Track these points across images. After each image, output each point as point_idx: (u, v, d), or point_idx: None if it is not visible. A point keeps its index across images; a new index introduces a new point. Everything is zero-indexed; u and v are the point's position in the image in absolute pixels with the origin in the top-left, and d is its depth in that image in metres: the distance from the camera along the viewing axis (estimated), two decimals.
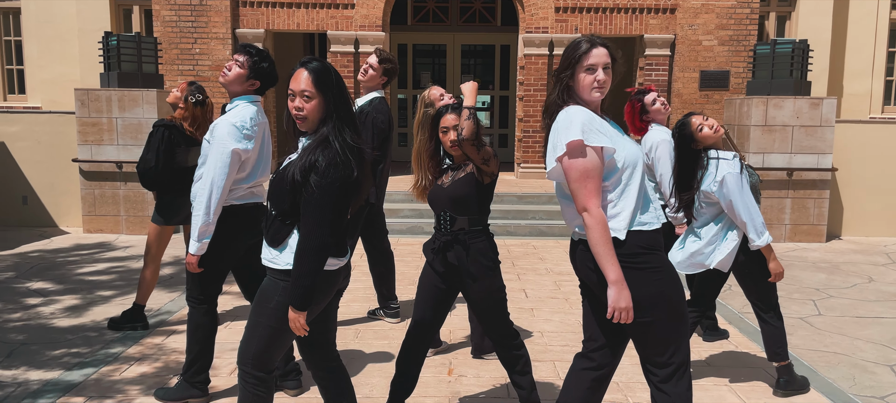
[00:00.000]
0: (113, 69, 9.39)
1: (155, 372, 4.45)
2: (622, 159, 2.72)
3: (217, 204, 3.63)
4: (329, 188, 2.69)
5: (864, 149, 9.85)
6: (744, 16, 11.45)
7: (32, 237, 9.15)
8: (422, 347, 3.66)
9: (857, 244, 9.43)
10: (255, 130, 3.72)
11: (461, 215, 3.46)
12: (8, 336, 5.19)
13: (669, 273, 2.74)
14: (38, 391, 4.16)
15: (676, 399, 2.78)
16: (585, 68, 2.75)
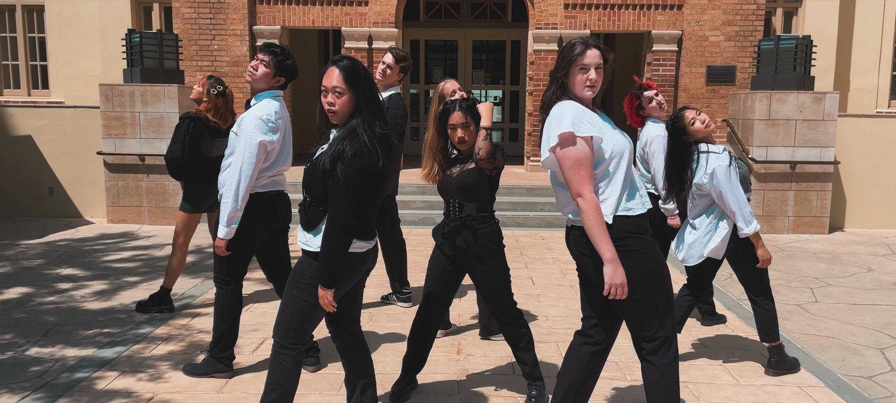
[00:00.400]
0: (136, 65, 9.70)
1: (182, 350, 4.75)
2: (610, 149, 2.97)
3: (245, 191, 3.91)
4: (354, 176, 2.96)
5: (867, 143, 10.03)
6: (750, 12, 11.63)
7: (59, 227, 9.50)
8: (431, 325, 3.94)
9: (859, 235, 9.63)
10: (279, 123, 4.00)
11: (469, 202, 3.73)
12: (43, 317, 5.51)
13: (654, 254, 3.00)
14: (74, 366, 4.47)
15: (663, 370, 3.05)
16: (579, 68, 2.99)
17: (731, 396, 4.11)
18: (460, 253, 3.77)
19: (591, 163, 2.93)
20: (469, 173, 3.73)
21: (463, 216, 3.75)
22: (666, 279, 3.02)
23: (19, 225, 9.55)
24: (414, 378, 4.04)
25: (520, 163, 13.39)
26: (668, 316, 3.04)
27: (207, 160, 5.29)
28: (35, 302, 5.91)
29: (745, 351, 4.88)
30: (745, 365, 4.61)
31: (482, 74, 15.68)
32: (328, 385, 4.19)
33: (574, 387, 3.25)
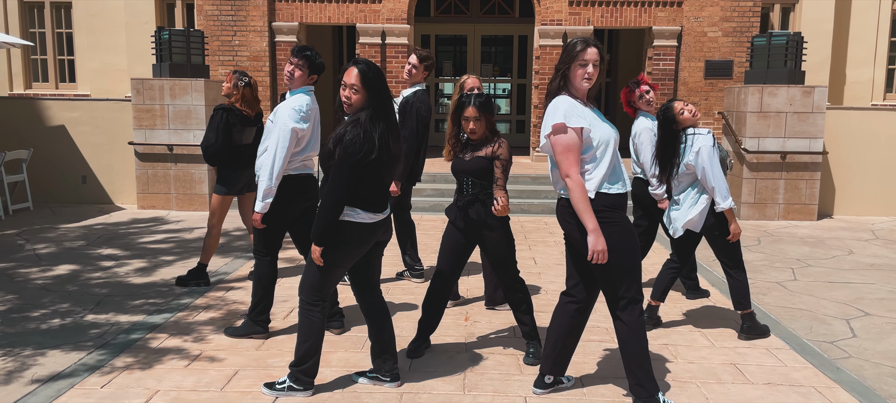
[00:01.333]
0: (164, 60, 10.31)
1: (221, 317, 5.37)
2: (597, 138, 3.55)
3: (279, 171, 4.50)
4: (347, 158, 3.58)
5: (855, 135, 10.53)
6: (747, 9, 12.15)
7: (93, 212, 10.14)
8: (443, 293, 4.53)
9: (846, 222, 10.16)
10: (310, 114, 4.60)
11: (480, 180, 4.32)
12: (93, 290, 6.14)
13: (627, 226, 3.58)
14: (129, 329, 5.09)
15: (631, 325, 3.63)
16: (580, 63, 3.55)
17: (705, 356, 4.69)
18: (472, 225, 4.36)
19: (578, 149, 3.50)
20: (480, 160, 4.32)
21: (474, 192, 4.34)
22: (635, 249, 3.59)
23: (56, 211, 10.20)
24: (427, 339, 4.63)
25: (526, 154, 13.96)
26: (636, 280, 3.62)
27: (238, 147, 5.90)
28: (84, 278, 6.55)
29: (722, 320, 5.45)
30: (720, 332, 5.18)
31: (490, 68, 16.23)
32: (352, 344, 4.79)
33: (561, 338, 3.85)
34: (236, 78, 5.92)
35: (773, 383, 4.22)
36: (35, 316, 5.38)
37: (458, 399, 3.94)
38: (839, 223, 10.07)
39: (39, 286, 6.26)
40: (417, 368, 4.37)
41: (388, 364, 4.03)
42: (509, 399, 3.95)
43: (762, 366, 4.49)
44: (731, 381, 4.24)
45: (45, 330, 5.08)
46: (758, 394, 4.05)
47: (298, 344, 3.88)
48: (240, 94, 5.91)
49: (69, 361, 4.46)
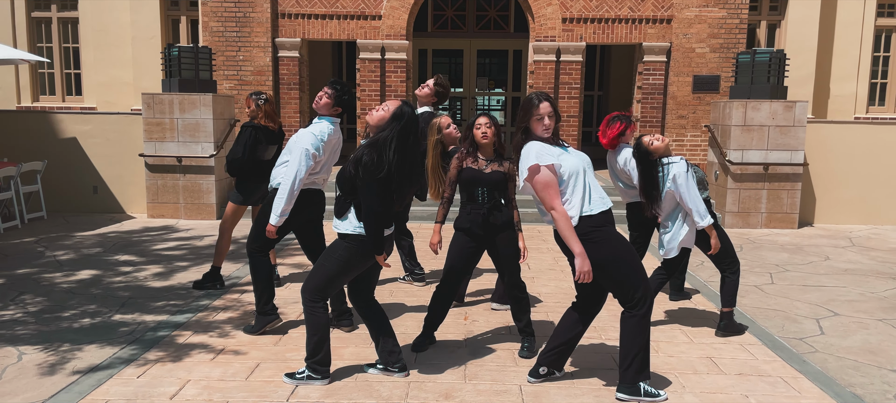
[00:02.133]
0: (174, 76, 10.76)
1: (239, 317, 5.80)
2: (567, 171, 4.00)
3: (296, 191, 4.96)
4: (367, 178, 4.06)
5: (834, 147, 11.04)
6: (733, 26, 12.65)
7: (105, 221, 10.56)
8: (451, 293, 4.98)
9: (825, 230, 10.64)
10: (325, 139, 5.05)
11: (494, 190, 4.80)
12: (117, 293, 6.57)
13: (617, 239, 4.01)
14: (155, 327, 5.52)
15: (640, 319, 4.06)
16: (537, 117, 4.07)
17: (684, 351, 5.14)
18: (491, 229, 4.84)
19: (555, 183, 3.96)
20: (498, 173, 4.81)
21: (490, 201, 4.83)
22: (631, 255, 4.03)
23: (69, 220, 10.62)
24: (432, 335, 5.08)
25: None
26: (641, 281, 4.04)
27: (260, 162, 6.35)
28: (106, 282, 6.97)
29: (703, 320, 5.91)
30: (699, 330, 5.64)
31: (485, 81, 16.71)
32: (362, 340, 5.24)
33: (564, 342, 4.32)
34: (255, 99, 6.39)
35: (744, 374, 4.68)
36: (66, 316, 5.81)
37: (459, 386, 4.38)
38: (818, 231, 10.56)
39: (65, 289, 6.68)
40: (422, 361, 4.81)
41: (394, 356, 4.48)
42: (506, 387, 4.39)
43: (735, 359, 4.95)
44: (706, 372, 4.70)
45: (78, 328, 5.51)
46: (730, 383, 4.51)
47: (308, 339, 4.34)
48: (262, 113, 6.37)
49: (105, 355, 4.89)
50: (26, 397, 4.21)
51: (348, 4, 12.84)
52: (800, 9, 13.39)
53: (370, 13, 12.85)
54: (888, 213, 11.15)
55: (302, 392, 4.26)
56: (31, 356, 4.89)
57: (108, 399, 4.13)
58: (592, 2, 12.68)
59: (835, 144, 11.05)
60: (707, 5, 12.45)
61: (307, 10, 12.89)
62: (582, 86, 13.11)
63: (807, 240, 9.75)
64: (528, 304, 5.02)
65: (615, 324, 5.69)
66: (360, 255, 4.23)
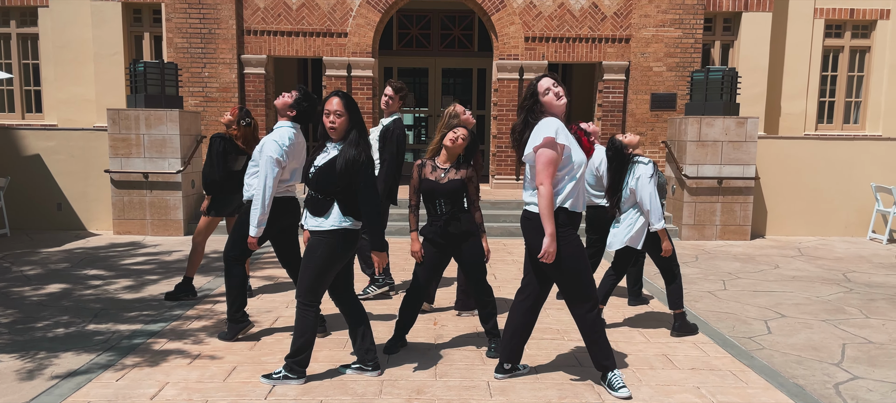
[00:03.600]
0: (139, 91, 10.84)
1: (213, 325, 5.94)
2: (575, 160, 4.24)
3: (269, 199, 5.13)
4: (370, 174, 4.32)
5: (784, 161, 11.53)
6: (689, 46, 13.14)
7: (70, 237, 10.57)
8: (419, 299, 5.19)
9: (776, 241, 11.10)
10: (289, 146, 5.20)
11: (453, 200, 5.01)
12: (89, 305, 6.65)
13: (577, 242, 4.26)
14: (130, 335, 5.63)
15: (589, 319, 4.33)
16: (545, 92, 4.26)
17: (641, 349, 5.42)
18: (452, 238, 5.05)
19: (556, 164, 4.16)
20: (454, 182, 5.01)
21: (449, 211, 5.03)
22: (586, 260, 4.28)
23: (33, 237, 10.60)
24: (403, 338, 5.28)
25: (484, 181, 14.73)
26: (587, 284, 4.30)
27: (231, 173, 6.50)
28: (76, 294, 7.05)
29: (658, 322, 6.21)
30: (656, 331, 5.93)
31: (450, 99, 17.01)
32: (336, 345, 5.42)
33: (516, 332, 4.55)
34: (241, 115, 6.51)
35: (697, 368, 4.97)
36: (40, 327, 5.89)
37: (430, 383, 4.60)
38: (770, 242, 11.01)
39: (36, 302, 6.74)
40: (394, 361, 5.02)
41: (370, 356, 4.68)
42: (474, 383, 4.62)
43: (688, 356, 5.24)
44: (661, 367, 4.98)
45: (53, 337, 5.60)
46: (682, 376, 4.79)
47: (294, 339, 4.51)
48: (241, 132, 6.51)
49: (82, 361, 5.00)
50: (8, 399, 4.31)
51: (314, 22, 13.05)
52: (752, 29, 13.94)
53: (336, 30, 13.07)
54: (835, 225, 11.66)
55: (279, 391, 4.43)
56: (7, 363, 4.98)
57: (90, 401, 4.26)
58: (554, 21, 13.08)
59: (785, 159, 11.54)
60: (663, 25, 12.92)
61: (273, 27, 13.06)
62: None
63: (758, 251, 10.16)
64: (495, 308, 5.25)
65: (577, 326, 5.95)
66: (343, 249, 4.42)
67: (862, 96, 15.20)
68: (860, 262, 9.39)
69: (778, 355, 5.43)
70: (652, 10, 12.87)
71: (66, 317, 6.20)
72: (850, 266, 9.12)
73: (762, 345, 5.67)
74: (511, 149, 13.41)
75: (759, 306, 6.96)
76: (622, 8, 13.04)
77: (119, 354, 5.14)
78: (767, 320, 6.44)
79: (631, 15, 13.04)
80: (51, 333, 5.71)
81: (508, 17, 13.05)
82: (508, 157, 13.46)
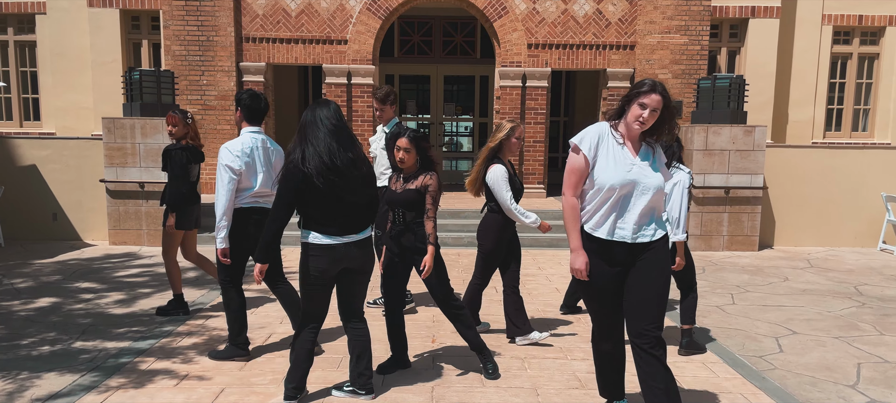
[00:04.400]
0: (135, 100, 10.66)
1: (204, 343, 5.73)
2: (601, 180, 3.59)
3: (224, 207, 4.98)
4: None
5: (792, 170, 11.30)
6: (695, 52, 12.92)
7: (65, 248, 10.38)
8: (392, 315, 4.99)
9: (784, 252, 10.86)
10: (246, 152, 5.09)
11: (409, 211, 4.80)
12: (77, 320, 6.45)
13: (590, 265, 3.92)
14: (117, 354, 5.43)
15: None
16: (638, 104, 3.53)
17: None
18: (404, 250, 4.85)
19: (579, 173, 3.66)
20: (410, 192, 4.79)
21: (406, 221, 4.82)
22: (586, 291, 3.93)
23: (27, 248, 10.42)
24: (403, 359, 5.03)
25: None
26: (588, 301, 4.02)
27: (191, 184, 6.34)
28: (66, 309, 6.85)
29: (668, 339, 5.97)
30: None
31: (453, 107, 16.82)
32: (328, 364, 5.21)
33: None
34: (183, 117, 6.31)
35: (706, 391, 4.74)
36: (24, 344, 5.69)
37: None
38: (778, 253, 10.77)
39: (23, 317, 6.55)
40: (390, 383, 4.80)
41: (364, 379, 4.47)
42: None
43: (697, 377, 5.02)
44: None
45: (37, 356, 5.40)
46: (691, 401, 4.57)
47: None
48: (192, 131, 6.32)
49: (65, 382, 4.80)
50: None
51: (314, 29, 12.87)
52: (759, 36, 13.73)
53: (336, 38, 12.89)
54: (844, 235, 11.42)
55: None
56: None
57: None
58: (557, 27, 12.88)
59: (793, 168, 11.31)
60: (669, 32, 12.71)
61: (272, 35, 12.89)
62: (548, 111, 13.26)
63: (767, 262, 9.93)
64: (468, 317, 5.00)
65: (581, 345, 5.72)
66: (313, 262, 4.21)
67: (870, 103, 14.98)
68: (871, 274, 9.15)
69: (791, 376, 5.21)
70: (657, 17, 12.67)
71: (53, 334, 6.00)
72: (861, 278, 8.89)
73: (774, 365, 5.45)
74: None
75: (770, 322, 6.73)
76: (627, 14, 12.84)
77: (104, 374, 4.94)
78: (778, 337, 6.22)
79: (636, 21, 12.84)
80: (36, 351, 5.52)
81: (511, 24, 12.85)
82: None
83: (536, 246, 10.62)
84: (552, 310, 6.93)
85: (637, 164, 3.61)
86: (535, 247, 10.55)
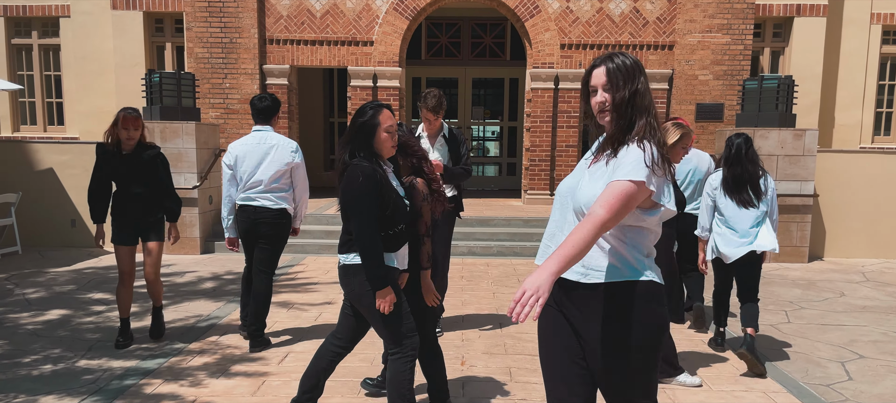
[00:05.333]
0: (155, 103, 10.32)
1: (216, 362, 5.31)
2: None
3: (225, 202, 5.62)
4: None
5: (845, 177, 10.64)
6: (737, 52, 12.31)
7: (82, 256, 10.06)
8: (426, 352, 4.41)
9: (836, 264, 10.21)
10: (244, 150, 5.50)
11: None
12: (85, 335, 6.06)
13: None
14: (122, 375, 5.02)
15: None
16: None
17: (703, 399, 4.66)
18: None
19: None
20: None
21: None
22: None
23: (45, 255, 10.11)
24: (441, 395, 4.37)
25: (517, 196, 14.00)
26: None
27: None
28: (75, 322, 6.47)
29: (715, 359, 5.44)
30: (717, 372, 5.17)
31: (481, 110, 16.35)
32: (349, 389, 4.74)
33: None
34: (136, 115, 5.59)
35: None
36: (26, 362, 5.30)
37: None
38: (830, 265, 10.13)
39: (30, 331, 6.18)
40: None
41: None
42: None
43: None
44: None
45: (37, 376, 5.01)
46: None
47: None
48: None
49: None
50: None
51: (339, 30, 12.47)
52: (804, 35, 13.07)
53: (362, 39, 12.48)
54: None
55: None
56: None
57: None
58: (592, 27, 12.34)
59: (843, 174, 10.66)
60: (710, 31, 12.12)
61: (296, 36, 12.51)
62: (581, 115, 12.72)
63: (819, 275, 9.30)
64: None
65: None
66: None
67: None
68: None
69: None
70: (698, 15, 12.08)
71: (58, 350, 5.61)
72: None
73: (844, 396, 4.88)
74: (545, 163, 12.66)
75: (832, 344, 6.15)
76: (665, 12, 12.27)
77: (105, 399, 4.52)
78: (844, 361, 5.63)
79: (675, 20, 12.26)
80: (37, 370, 5.12)
81: (543, 24, 12.34)
82: (542, 171, 12.70)
83: None
84: None
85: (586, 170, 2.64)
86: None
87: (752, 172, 5.36)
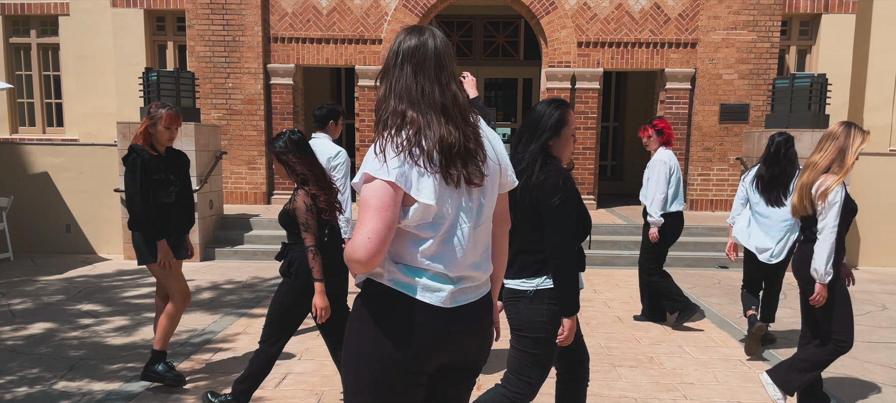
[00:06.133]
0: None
1: (206, 385, 4.79)
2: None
3: None
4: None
5: (879, 182, 10.06)
6: (764, 50, 11.74)
7: (76, 263, 9.58)
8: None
9: (873, 274, 9.62)
10: None
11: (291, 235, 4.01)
12: (68, 352, 5.56)
13: None
14: (102, 400, 4.51)
15: None
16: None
17: None
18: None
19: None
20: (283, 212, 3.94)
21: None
22: None
23: (37, 262, 9.65)
24: None
25: None
26: None
27: None
28: (59, 338, 5.97)
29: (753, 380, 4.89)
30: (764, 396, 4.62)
31: (493, 112, 15.83)
32: None
33: None
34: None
35: None
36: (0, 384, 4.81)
37: None
38: (866, 275, 9.54)
39: (9, 347, 5.69)
40: None
41: None
42: None
43: None
44: None
45: (10, 400, 4.50)
46: None
47: None
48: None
49: None
50: None
51: (346, 28, 11.97)
52: (832, 33, 12.47)
53: (369, 37, 11.98)
54: None
55: None
56: None
57: None
58: (611, 24, 11.80)
59: (877, 179, 10.07)
60: (735, 28, 11.56)
61: (301, 34, 12.02)
62: (599, 115, 12.18)
63: (856, 286, 8.71)
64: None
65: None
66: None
67: None
68: None
69: None
70: (722, 11, 11.52)
71: (36, 370, 5.11)
72: None
73: None
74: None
75: (882, 364, 5.58)
76: (688, 9, 11.71)
77: None
78: None
79: (698, 16, 11.71)
80: (9, 393, 4.63)
81: (559, 21, 11.81)
82: None
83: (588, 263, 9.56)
84: (618, 348, 5.87)
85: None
86: (588, 265, 9.49)
87: (790, 172, 5.46)
